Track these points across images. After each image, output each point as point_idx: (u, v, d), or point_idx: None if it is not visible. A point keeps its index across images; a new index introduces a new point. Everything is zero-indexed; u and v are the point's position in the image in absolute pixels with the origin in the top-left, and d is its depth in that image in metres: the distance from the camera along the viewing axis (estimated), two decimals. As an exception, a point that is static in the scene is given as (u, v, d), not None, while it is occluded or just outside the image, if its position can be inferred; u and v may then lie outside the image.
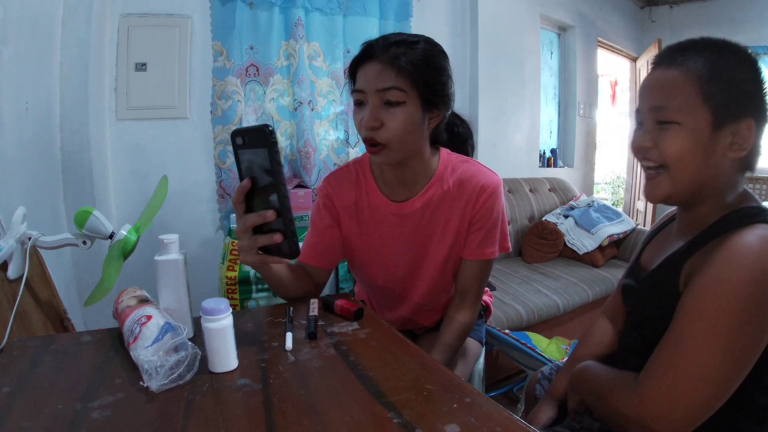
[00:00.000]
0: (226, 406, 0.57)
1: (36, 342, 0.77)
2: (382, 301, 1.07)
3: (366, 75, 0.80)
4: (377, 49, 0.79)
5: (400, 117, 0.78)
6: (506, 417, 0.54)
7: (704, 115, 0.59)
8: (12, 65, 1.27)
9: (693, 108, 0.60)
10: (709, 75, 0.59)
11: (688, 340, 0.55)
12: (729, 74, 0.59)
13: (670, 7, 3.94)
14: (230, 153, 1.94)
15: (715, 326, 0.53)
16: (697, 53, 0.60)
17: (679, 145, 0.61)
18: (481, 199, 0.87)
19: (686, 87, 0.60)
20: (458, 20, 2.56)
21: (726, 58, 0.60)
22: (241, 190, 0.61)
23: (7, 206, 1.06)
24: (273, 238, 0.60)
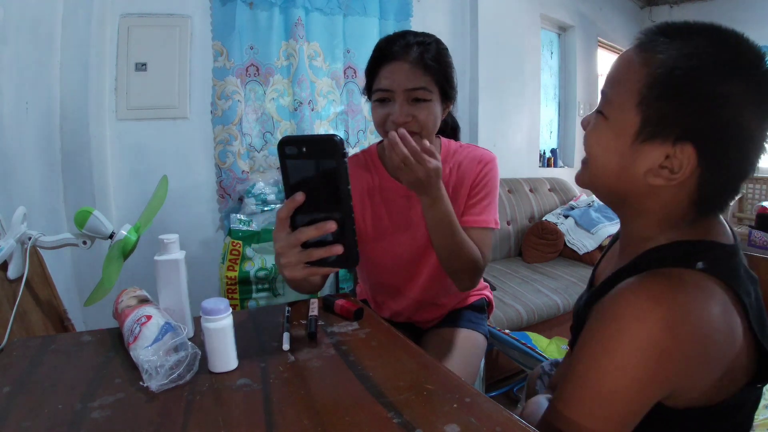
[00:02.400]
0: (226, 406, 0.57)
1: (36, 342, 0.77)
2: (388, 289, 1.07)
3: (393, 75, 0.84)
4: (399, 50, 0.84)
5: (426, 111, 0.85)
6: (506, 417, 0.54)
7: (632, 118, 0.49)
8: (12, 65, 1.27)
9: (624, 106, 0.50)
10: (661, 73, 0.47)
11: (571, 401, 0.50)
12: (685, 80, 0.46)
13: (670, 7, 3.94)
14: (230, 153, 1.95)
15: (593, 385, 0.47)
16: (675, 41, 0.47)
17: (596, 142, 0.54)
18: (479, 167, 0.94)
19: (631, 80, 0.49)
20: (458, 20, 2.56)
21: (700, 59, 0.46)
22: (293, 205, 0.57)
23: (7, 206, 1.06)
24: (333, 250, 0.57)
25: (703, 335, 0.45)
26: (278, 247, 0.62)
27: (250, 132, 2.03)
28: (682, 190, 0.50)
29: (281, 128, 2.09)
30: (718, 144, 0.46)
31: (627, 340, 0.45)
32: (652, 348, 0.44)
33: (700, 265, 0.48)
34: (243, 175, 1.97)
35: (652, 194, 0.51)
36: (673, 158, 0.48)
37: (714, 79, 0.45)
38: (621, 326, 0.46)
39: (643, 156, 0.49)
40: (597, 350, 0.48)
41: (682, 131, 0.47)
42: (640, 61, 0.49)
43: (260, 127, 2.06)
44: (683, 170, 0.47)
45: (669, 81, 0.46)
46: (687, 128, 0.46)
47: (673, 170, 0.48)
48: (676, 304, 0.45)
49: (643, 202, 0.53)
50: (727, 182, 0.49)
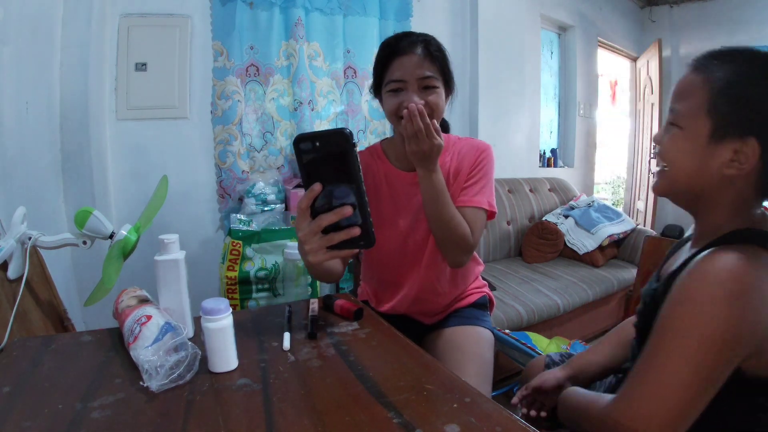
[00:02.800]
0: (226, 406, 0.57)
1: (36, 342, 0.77)
2: (392, 276, 1.09)
3: (405, 66, 0.93)
4: (407, 45, 0.94)
5: (435, 96, 0.94)
6: (506, 417, 0.54)
7: (705, 124, 0.60)
8: (12, 65, 1.27)
9: (696, 116, 0.60)
10: (722, 86, 0.58)
11: (660, 353, 0.56)
12: (743, 89, 0.58)
13: (670, 7, 3.94)
14: (230, 153, 1.95)
15: (683, 345, 0.54)
16: (726, 63, 0.59)
17: (675, 149, 0.63)
18: (476, 154, 1.03)
19: (697, 95, 0.60)
20: (458, 20, 2.56)
21: (750, 73, 0.58)
22: (312, 195, 0.63)
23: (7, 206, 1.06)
24: (351, 232, 0.63)
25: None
26: (301, 235, 0.67)
27: (250, 132, 2.03)
28: (748, 179, 0.60)
29: (281, 128, 2.09)
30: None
31: (707, 295, 0.53)
32: (729, 302, 0.52)
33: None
34: (243, 175, 1.97)
35: (725, 185, 0.61)
36: (740, 153, 0.58)
37: (764, 84, 0.57)
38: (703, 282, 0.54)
39: (717, 154, 0.60)
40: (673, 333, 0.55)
41: (746, 129, 0.57)
42: (701, 80, 0.61)
43: (260, 127, 2.06)
44: (750, 160, 0.58)
45: (730, 90, 0.58)
46: (749, 125, 0.57)
47: (742, 162, 0.58)
48: (754, 271, 0.53)
49: (717, 194, 0.62)
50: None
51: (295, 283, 1.60)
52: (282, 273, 1.64)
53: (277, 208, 1.87)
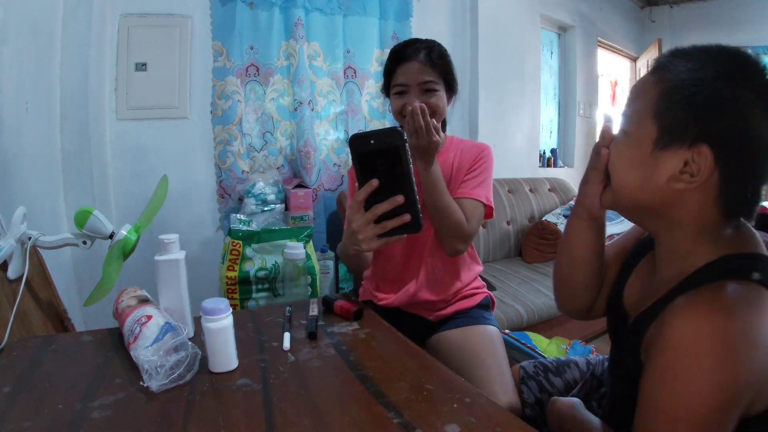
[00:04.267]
0: (226, 406, 0.57)
1: (36, 342, 0.77)
2: (398, 267, 1.13)
3: (408, 72, 1.02)
4: (411, 53, 1.03)
5: (435, 99, 1.02)
6: (506, 417, 0.54)
7: (649, 129, 0.52)
8: (12, 65, 1.27)
9: (642, 120, 0.54)
10: (672, 87, 0.51)
11: (656, 413, 0.49)
12: (695, 88, 0.49)
13: (670, 7, 3.94)
14: (230, 153, 1.95)
15: (680, 421, 0.47)
16: (684, 61, 0.52)
17: (618, 157, 0.57)
18: (476, 152, 1.10)
19: (647, 96, 0.53)
20: (458, 20, 2.56)
21: (706, 72, 0.49)
22: (370, 189, 0.69)
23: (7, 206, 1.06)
24: (403, 218, 0.69)
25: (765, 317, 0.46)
26: (356, 225, 0.73)
27: (250, 132, 2.03)
28: (705, 194, 0.51)
29: (281, 128, 2.09)
30: (731, 145, 0.49)
31: (694, 369, 0.46)
32: (719, 370, 0.45)
33: (756, 276, 0.49)
34: (243, 175, 1.97)
35: (678, 202, 0.53)
36: (691, 163, 0.50)
37: (721, 85, 0.48)
38: (685, 353, 0.47)
39: (664, 163, 0.52)
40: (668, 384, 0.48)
41: (696, 135, 0.49)
42: (653, 80, 0.53)
43: (260, 127, 2.06)
44: (702, 172, 0.50)
45: (680, 91, 0.50)
46: (701, 132, 0.49)
47: (693, 174, 0.50)
48: (736, 316, 0.46)
49: (672, 212, 0.54)
50: (746, 183, 0.51)
51: (295, 283, 1.60)
52: (282, 273, 1.64)
53: (277, 208, 1.87)
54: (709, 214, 0.52)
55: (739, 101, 0.48)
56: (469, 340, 1.07)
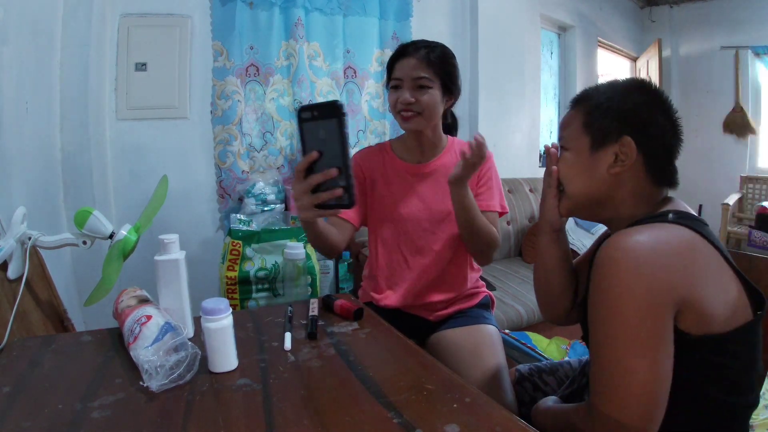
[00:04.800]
0: (226, 406, 0.57)
1: (36, 342, 0.77)
2: (398, 266, 1.14)
3: (403, 67, 1.05)
4: (410, 50, 1.06)
5: (427, 96, 1.05)
6: (506, 417, 0.54)
7: (584, 140, 0.70)
8: (12, 65, 1.27)
9: (576, 136, 0.71)
10: (591, 108, 0.70)
11: (602, 346, 0.59)
12: (609, 103, 0.68)
13: (670, 7, 3.94)
14: (230, 153, 1.95)
15: (612, 328, 0.57)
16: (592, 93, 0.72)
17: (565, 167, 0.73)
18: (485, 167, 1.12)
19: (575, 120, 0.72)
20: (458, 20, 2.56)
21: (612, 91, 0.70)
22: (309, 159, 0.71)
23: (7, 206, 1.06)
24: (335, 192, 0.70)
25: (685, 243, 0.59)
26: (294, 193, 0.74)
27: (250, 132, 2.03)
28: (636, 172, 0.68)
29: (281, 128, 2.09)
30: (644, 132, 0.67)
31: (609, 276, 0.58)
32: (625, 273, 0.57)
33: (671, 216, 0.63)
34: (243, 175, 1.97)
35: (618, 185, 0.69)
36: (620, 152, 0.67)
37: (625, 97, 0.69)
38: (602, 267, 0.59)
39: (601, 160, 0.69)
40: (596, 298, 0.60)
41: (619, 132, 0.67)
42: (576, 110, 0.73)
43: (260, 127, 2.06)
44: (630, 155, 0.67)
45: (600, 107, 0.69)
46: (622, 128, 0.67)
47: (624, 159, 0.67)
48: (640, 233, 0.59)
49: (616, 194, 0.70)
50: (662, 158, 0.68)
51: (295, 283, 1.60)
52: (282, 273, 1.64)
53: (277, 208, 1.87)
54: (643, 187, 0.69)
55: (640, 104, 0.68)
56: (468, 340, 1.07)
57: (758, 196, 3.50)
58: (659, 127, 0.68)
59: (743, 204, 3.54)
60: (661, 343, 0.56)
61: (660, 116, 0.68)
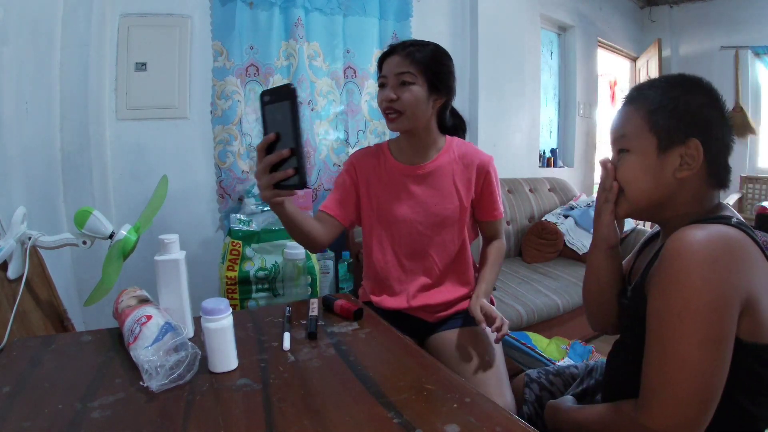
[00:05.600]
0: (226, 406, 0.57)
1: (36, 342, 0.77)
2: (397, 268, 1.14)
3: (389, 64, 1.05)
4: (398, 48, 1.06)
5: (409, 93, 1.03)
6: (506, 417, 0.54)
7: (650, 141, 0.67)
8: (12, 65, 1.27)
9: (641, 136, 0.68)
10: (655, 107, 0.67)
11: (667, 344, 0.58)
12: (673, 104, 0.66)
13: (670, 7, 3.94)
14: (230, 153, 1.95)
15: (683, 322, 0.56)
16: (650, 89, 0.69)
17: (630, 170, 0.70)
18: (486, 172, 1.13)
19: (636, 119, 0.68)
20: (458, 20, 2.56)
21: (674, 90, 0.67)
22: (267, 140, 0.73)
23: (7, 206, 1.06)
24: (287, 172, 0.73)
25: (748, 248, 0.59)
26: (256, 173, 0.77)
27: (250, 132, 2.03)
28: (699, 174, 0.66)
29: (281, 128, 2.09)
30: (708, 134, 0.65)
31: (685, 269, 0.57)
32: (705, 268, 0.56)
33: (734, 220, 0.63)
34: (243, 175, 1.97)
35: (680, 188, 0.67)
36: (686, 155, 0.65)
37: (690, 96, 0.66)
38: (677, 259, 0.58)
39: (667, 162, 0.66)
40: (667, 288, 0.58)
41: (685, 133, 0.65)
42: (634, 108, 0.70)
43: (260, 126, 2.05)
44: (698, 159, 0.64)
45: (665, 107, 0.66)
46: (688, 131, 0.65)
47: (690, 162, 0.65)
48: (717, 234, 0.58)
49: (677, 197, 0.68)
50: (721, 158, 0.67)
51: (295, 283, 1.60)
52: (282, 273, 1.64)
53: (277, 208, 1.87)
54: (702, 190, 0.68)
55: (702, 104, 0.66)
56: (467, 340, 1.07)
57: (758, 196, 3.50)
58: (720, 128, 0.66)
59: (743, 204, 3.54)
60: (729, 342, 0.56)
61: (719, 117, 0.67)
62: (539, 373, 0.99)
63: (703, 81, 0.68)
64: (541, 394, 0.94)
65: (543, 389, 0.95)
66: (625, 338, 0.76)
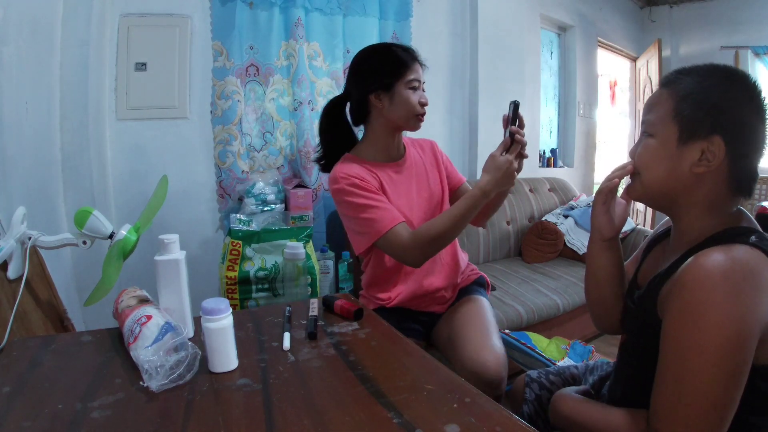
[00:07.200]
0: (226, 406, 0.57)
1: (36, 342, 0.77)
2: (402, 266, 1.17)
3: (417, 71, 1.13)
4: (416, 55, 1.15)
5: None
6: (506, 417, 0.54)
7: (672, 129, 0.64)
8: (12, 65, 1.27)
9: (664, 123, 0.65)
10: (685, 95, 0.64)
11: (686, 375, 0.56)
12: (703, 94, 0.62)
13: (670, 7, 3.94)
14: (230, 153, 1.94)
15: (704, 354, 0.55)
16: (688, 76, 0.65)
17: (648, 154, 0.68)
18: (437, 150, 1.30)
19: (664, 104, 0.66)
20: (458, 20, 2.56)
21: (708, 81, 0.63)
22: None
23: (7, 206, 1.06)
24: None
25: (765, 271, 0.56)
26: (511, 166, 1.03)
27: (250, 132, 2.03)
28: (718, 176, 0.63)
29: (281, 128, 2.09)
30: (735, 134, 0.62)
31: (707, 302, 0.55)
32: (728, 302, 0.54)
33: (753, 239, 0.60)
34: (243, 175, 1.97)
35: (696, 185, 0.64)
36: (707, 151, 0.62)
37: (723, 89, 0.62)
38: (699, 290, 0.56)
39: (686, 154, 0.63)
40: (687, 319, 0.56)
41: (710, 129, 0.62)
42: (667, 92, 0.66)
43: (260, 127, 2.06)
44: (717, 157, 0.61)
45: (693, 97, 0.63)
46: (713, 126, 0.61)
47: (710, 159, 0.62)
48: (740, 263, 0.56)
49: (691, 194, 0.65)
50: (746, 163, 0.63)
51: (295, 283, 1.60)
52: (282, 273, 1.64)
53: (277, 208, 1.87)
54: (720, 193, 0.64)
55: (736, 100, 0.62)
56: (459, 308, 1.20)
57: (758, 196, 3.50)
58: (752, 130, 0.62)
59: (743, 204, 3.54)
60: (746, 373, 0.55)
61: (755, 118, 0.62)
62: (539, 373, 0.99)
63: (748, 78, 0.64)
64: (541, 394, 0.94)
65: (543, 389, 0.95)
66: (630, 340, 0.75)
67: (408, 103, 1.11)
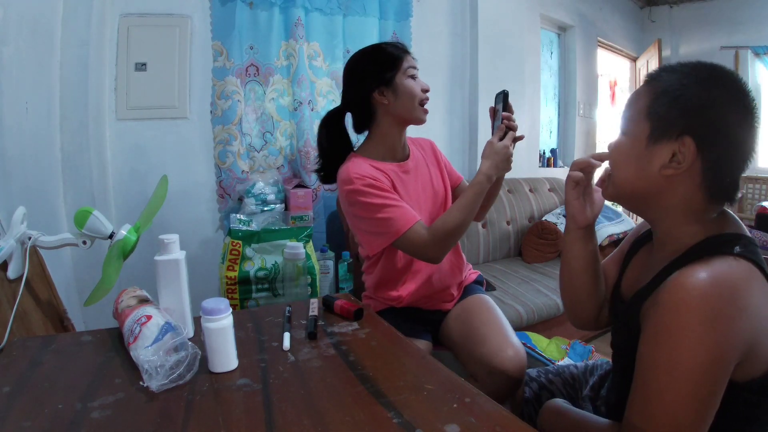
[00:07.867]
0: (226, 406, 0.57)
1: (36, 342, 0.77)
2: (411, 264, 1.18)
3: (410, 60, 1.13)
4: (404, 47, 1.15)
5: None
6: (506, 417, 0.54)
7: (644, 127, 0.61)
8: (12, 65, 1.27)
9: (637, 120, 0.63)
10: (661, 91, 0.60)
11: (655, 393, 0.55)
12: (679, 92, 0.58)
13: (670, 7, 3.94)
14: (230, 153, 1.94)
15: (675, 375, 0.53)
16: (670, 73, 0.62)
17: (617, 153, 0.66)
18: (436, 149, 1.31)
19: (640, 101, 0.63)
20: (458, 20, 2.55)
21: (689, 78, 0.59)
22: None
23: (7, 206, 1.07)
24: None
25: (753, 287, 0.54)
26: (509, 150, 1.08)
27: (249, 132, 2.03)
28: (691, 180, 0.59)
29: (281, 128, 2.09)
30: (709, 137, 0.58)
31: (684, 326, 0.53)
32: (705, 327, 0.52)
33: (737, 249, 0.56)
34: (243, 175, 1.97)
35: (668, 189, 0.61)
36: (678, 153, 0.58)
37: (701, 89, 0.58)
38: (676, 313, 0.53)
39: (656, 155, 0.60)
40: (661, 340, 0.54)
41: (681, 129, 0.58)
42: (646, 89, 0.63)
43: (260, 127, 2.06)
44: (687, 159, 0.58)
45: (668, 94, 0.59)
46: (685, 126, 0.58)
47: (680, 162, 0.58)
48: (720, 283, 0.53)
49: (664, 198, 0.62)
50: (724, 171, 0.59)
51: (295, 283, 1.60)
52: (282, 273, 1.64)
53: (277, 208, 1.87)
54: (695, 199, 0.60)
55: (715, 101, 0.57)
56: (469, 306, 1.20)
57: (758, 196, 3.50)
58: (730, 133, 0.58)
59: (743, 204, 3.54)
60: (718, 395, 0.53)
61: (735, 121, 0.58)
62: (539, 373, 0.99)
63: (734, 78, 0.59)
64: (540, 393, 0.94)
65: (542, 388, 0.95)
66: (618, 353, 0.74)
67: (412, 91, 1.11)
